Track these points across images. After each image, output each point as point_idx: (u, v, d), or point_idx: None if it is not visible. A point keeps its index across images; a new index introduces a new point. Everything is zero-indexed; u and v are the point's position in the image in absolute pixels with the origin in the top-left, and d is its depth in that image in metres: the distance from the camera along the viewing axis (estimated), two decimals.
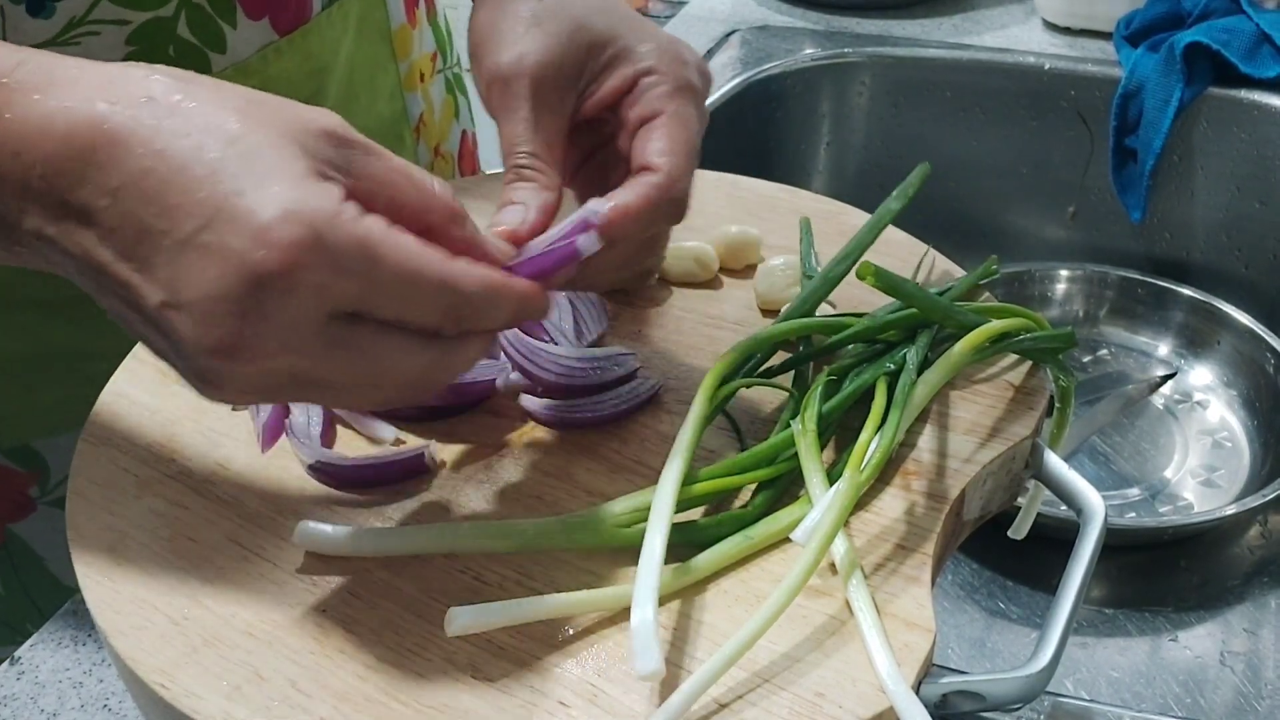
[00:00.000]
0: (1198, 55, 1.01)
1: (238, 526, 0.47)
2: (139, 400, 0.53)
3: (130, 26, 0.61)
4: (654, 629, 0.38)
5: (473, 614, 0.40)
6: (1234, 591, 0.82)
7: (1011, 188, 1.14)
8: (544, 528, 0.44)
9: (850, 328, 0.51)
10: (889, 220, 0.57)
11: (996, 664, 0.77)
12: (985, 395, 0.51)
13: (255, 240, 0.35)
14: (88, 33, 0.60)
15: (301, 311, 0.36)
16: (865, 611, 0.41)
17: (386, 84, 0.78)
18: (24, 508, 0.71)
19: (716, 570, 0.44)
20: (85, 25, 0.60)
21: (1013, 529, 0.57)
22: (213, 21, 0.64)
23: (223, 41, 0.65)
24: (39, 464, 0.70)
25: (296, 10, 0.68)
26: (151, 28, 0.62)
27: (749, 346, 0.50)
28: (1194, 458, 0.92)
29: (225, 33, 0.65)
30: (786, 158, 1.17)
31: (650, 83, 0.50)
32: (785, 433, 0.47)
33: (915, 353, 0.49)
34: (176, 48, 0.63)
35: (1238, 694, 0.74)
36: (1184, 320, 1.02)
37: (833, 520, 0.42)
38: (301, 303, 0.36)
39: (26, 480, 0.70)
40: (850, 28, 1.20)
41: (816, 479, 0.45)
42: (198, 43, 0.64)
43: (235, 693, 0.40)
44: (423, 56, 0.83)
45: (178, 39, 0.63)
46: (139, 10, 0.61)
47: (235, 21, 0.65)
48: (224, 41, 0.65)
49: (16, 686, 0.55)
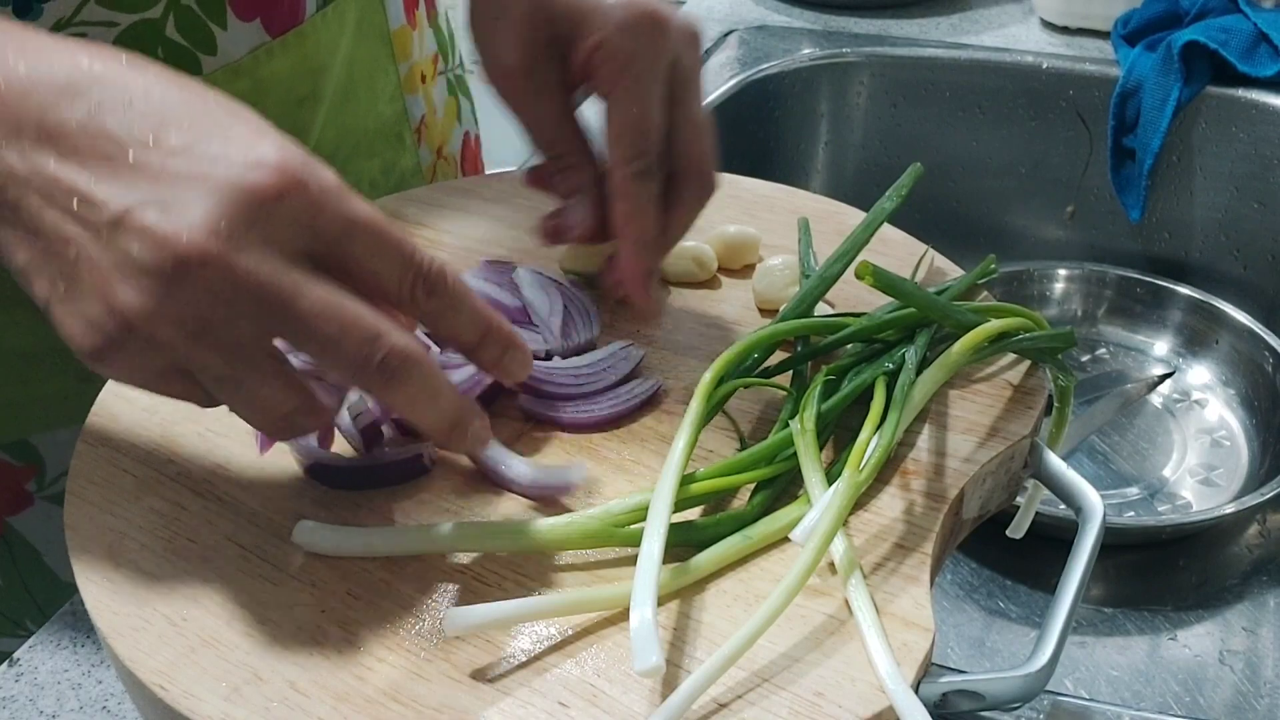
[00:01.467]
0: (1195, 54, 1.01)
1: (237, 527, 0.47)
2: (138, 401, 0.53)
3: (118, 28, 0.61)
4: (653, 627, 0.38)
5: (472, 615, 0.40)
6: (1233, 590, 0.82)
7: (1010, 187, 1.14)
8: (545, 528, 0.44)
9: (848, 327, 0.51)
10: (883, 220, 0.57)
11: (996, 663, 0.77)
12: (984, 394, 0.51)
13: (250, 159, 0.36)
14: (76, 34, 0.60)
15: (281, 235, 0.37)
16: (864, 611, 0.41)
17: (386, 86, 0.78)
18: (21, 502, 0.71)
19: (716, 570, 0.44)
20: (72, 26, 0.60)
21: (1011, 528, 0.57)
22: (202, 23, 0.64)
23: (213, 43, 0.65)
24: (36, 458, 0.70)
25: (289, 11, 0.68)
26: (139, 29, 0.62)
27: (747, 346, 0.50)
28: (1192, 457, 0.92)
29: (215, 34, 0.65)
30: (785, 157, 1.17)
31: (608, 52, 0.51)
32: (784, 432, 0.47)
33: (914, 352, 0.49)
34: (165, 49, 0.63)
35: (1237, 693, 0.74)
36: (1182, 319, 1.02)
37: (832, 520, 0.42)
38: (281, 228, 0.37)
39: (24, 475, 0.70)
40: (848, 27, 1.20)
41: (815, 478, 0.45)
42: (187, 44, 0.64)
43: (234, 694, 0.40)
44: (424, 58, 0.83)
45: (166, 40, 0.63)
46: (127, 12, 0.61)
47: (225, 23, 0.65)
48: (214, 43, 0.65)
49: (15, 688, 0.55)
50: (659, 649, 0.37)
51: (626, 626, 0.40)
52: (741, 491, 0.47)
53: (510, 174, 0.71)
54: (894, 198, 0.58)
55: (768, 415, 0.51)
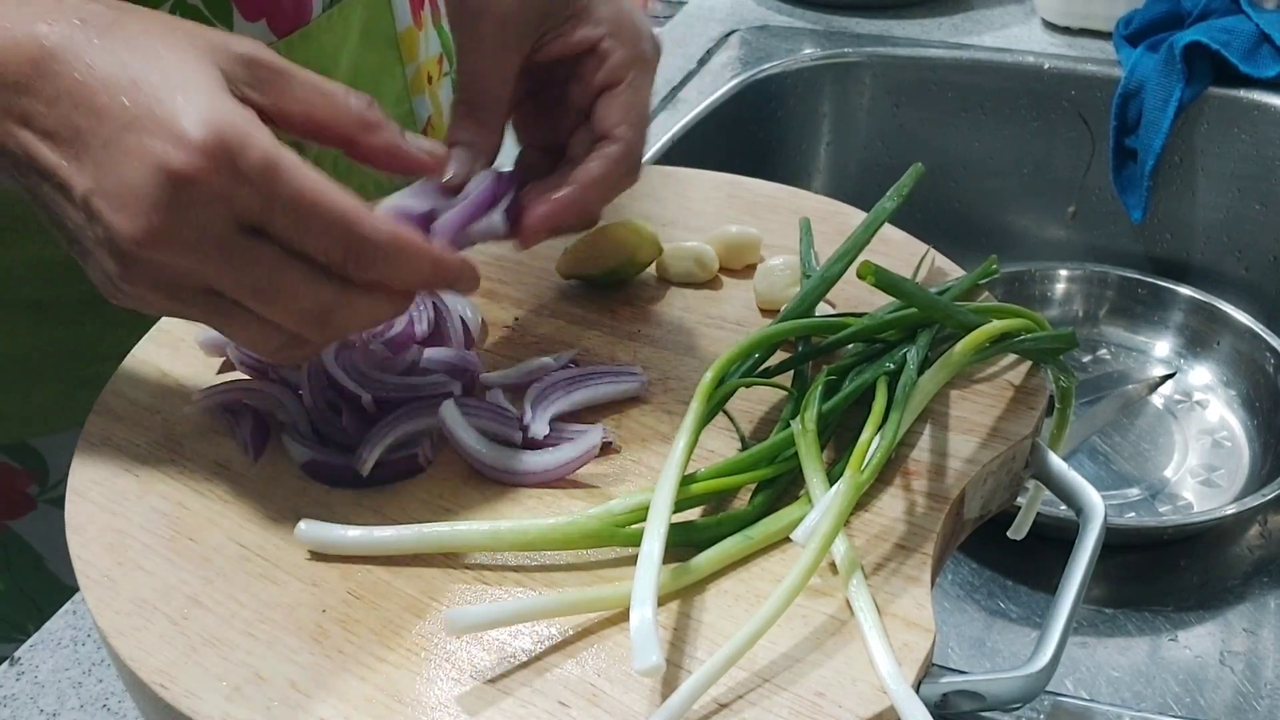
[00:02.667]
0: (1197, 55, 1.01)
1: (238, 526, 0.47)
2: (139, 400, 0.53)
3: None
4: (653, 626, 0.38)
5: (473, 615, 0.40)
6: (1234, 591, 0.82)
7: (1012, 187, 1.14)
8: (546, 528, 0.44)
9: (849, 327, 0.51)
10: (884, 219, 0.57)
11: (996, 663, 0.77)
12: (985, 395, 0.51)
13: (172, 142, 0.38)
14: None
15: (209, 214, 0.39)
16: (866, 611, 0.41)
17: (393, 87, 0.78)
18: (23, 505, 0.71)
19: (716, 570, 0.44)
20: None
21: (1012, 529, 0.57)
22: (207, 23, 0.64)
23: None
24: (38, 462, 0.70)
25: (295, 12, 0.68)
26: None
27: (748, 346, 0.50)
28: (1194, 457, 0.92)
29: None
30: (787, 158, 1.17)
31: (610, 48, 0.52)
32: (785, 432, 0.47)
33: (916, 352, 0.49)
34: None
35: (1237, 694, 0.74)
36: (1184, 320, 1.02)
37: (833, 520, 0.42)
38: (208, 206, 0.39)
39: (26, 478, 0.70)
40: (850, 27, 1.20)
41: (816, 478, 0.45)
42: None
43: (235, 693, 0.40)
44: (429, 59, 0.82)
45: None
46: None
47: (231, 24, 0.65)
48: None
49: (16, 687, 0.55)
50: (659, 648, 0.37)
51: (627, 626, 0.40)
52: (741, 492, 0.47)
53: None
54: (895, 197, 0.58)
55: (769, 415, 0.52)
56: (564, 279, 0.60)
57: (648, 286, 0.60)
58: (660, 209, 0.65)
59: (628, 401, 0.52)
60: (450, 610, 0.40)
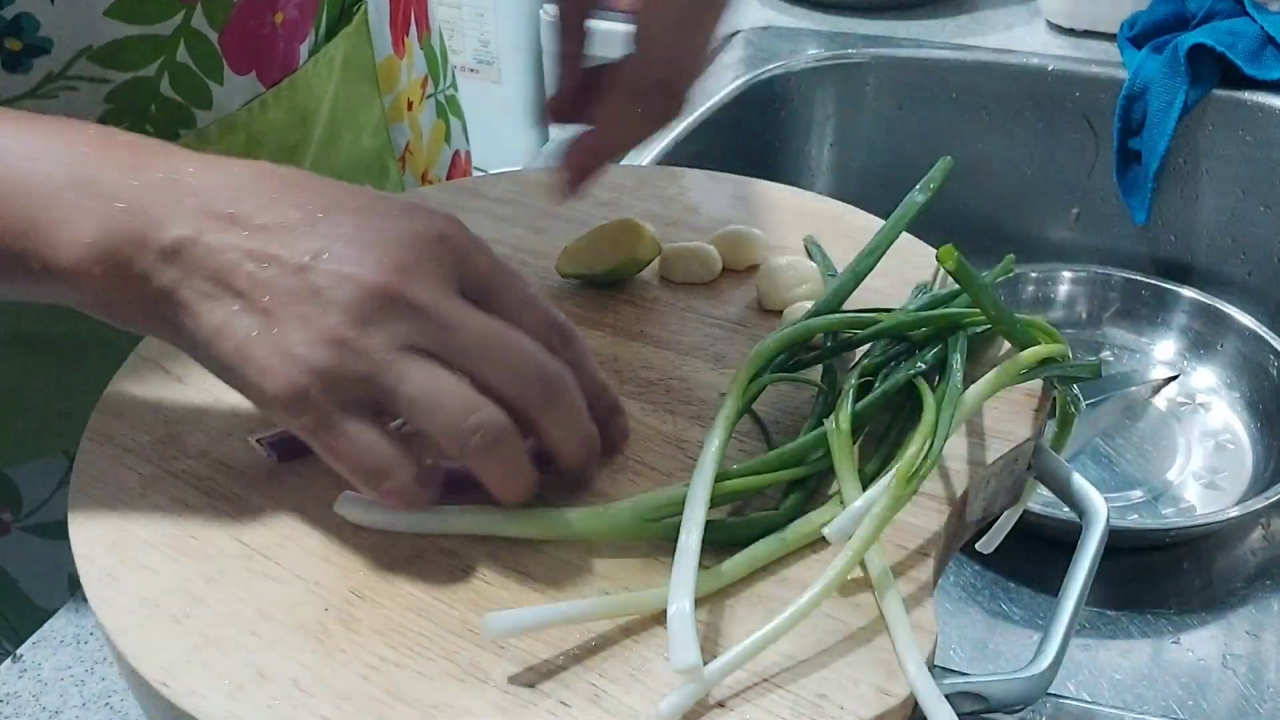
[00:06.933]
0: (1202, 57, 1.01)
1: (241, 525, 0.47)
2: (142, 399, 0.53)
3: (110, 85, 0.61)
4: (692, 620, 0.38)
5: (511, 619, 0.40)
6: (1237, 594, 0.81)
7: (1015, 189, 1.14)
8: (573, 518, 0.44)
9: (880, 323, 0.50)
10: (914, 213, 0.56)
11: (999, 665, 0.77)
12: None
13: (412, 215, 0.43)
14: (65, 87, 0.60)
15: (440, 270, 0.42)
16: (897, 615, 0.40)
17: (370, 119, 0.78)
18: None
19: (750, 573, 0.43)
20: (63, 80, 0.59)
21: (982, 543, 0.54)
22: (198, 79, 0.64)
23: (208, 98, 0.65)
24: (12, 490, 0.70)
25: (284, 62, 0.68)
26: (133, 85, 0.61)
27: (784, 340, 0.49)
28: (1197, 460, 0.92)
29: (211, 89, 0.64)
30: (790, 158, 1.17)
31: None
32: (815, 432, 0.47)
33: (958, 360, 0.48)
34: (158, 105, 0.63)
35: (1240, 697, 0.74)
36: (1187, 322, 1.02)
37: (875, 524, 0.41)
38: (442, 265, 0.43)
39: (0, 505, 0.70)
40: (854, 28, 1.20)
41: (850, 480, 0.44)
42: (181, 100, 0.64)
43: (237, 691, 0.40)
44: (411, 84, 0.82)
45: (160, 97, 0.63)
46: (121, 70, 0.61)
47: (222, 78, 0.65)
48: (209, 98, 0.65)
49: (19, 684, 0.55)
50: (696, 646, 0.37)
51: (628, 626, 0.40)
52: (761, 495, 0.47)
53: (516, 174, 0.71)
54: (925, 191, 0.56)
55: (769, 416, 0.51)
56: (564, 278, 0.60)
57: (650, 286, 0.60)
58: (663, 209, 0.66)
59: (629, 402, 0.52)
60: (487, 616, 0.39)
